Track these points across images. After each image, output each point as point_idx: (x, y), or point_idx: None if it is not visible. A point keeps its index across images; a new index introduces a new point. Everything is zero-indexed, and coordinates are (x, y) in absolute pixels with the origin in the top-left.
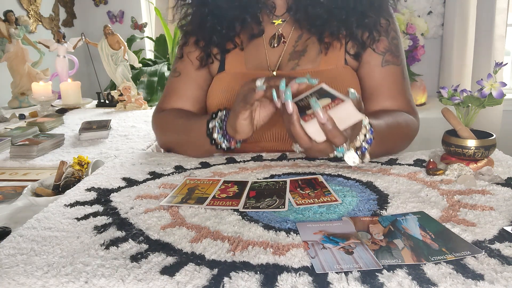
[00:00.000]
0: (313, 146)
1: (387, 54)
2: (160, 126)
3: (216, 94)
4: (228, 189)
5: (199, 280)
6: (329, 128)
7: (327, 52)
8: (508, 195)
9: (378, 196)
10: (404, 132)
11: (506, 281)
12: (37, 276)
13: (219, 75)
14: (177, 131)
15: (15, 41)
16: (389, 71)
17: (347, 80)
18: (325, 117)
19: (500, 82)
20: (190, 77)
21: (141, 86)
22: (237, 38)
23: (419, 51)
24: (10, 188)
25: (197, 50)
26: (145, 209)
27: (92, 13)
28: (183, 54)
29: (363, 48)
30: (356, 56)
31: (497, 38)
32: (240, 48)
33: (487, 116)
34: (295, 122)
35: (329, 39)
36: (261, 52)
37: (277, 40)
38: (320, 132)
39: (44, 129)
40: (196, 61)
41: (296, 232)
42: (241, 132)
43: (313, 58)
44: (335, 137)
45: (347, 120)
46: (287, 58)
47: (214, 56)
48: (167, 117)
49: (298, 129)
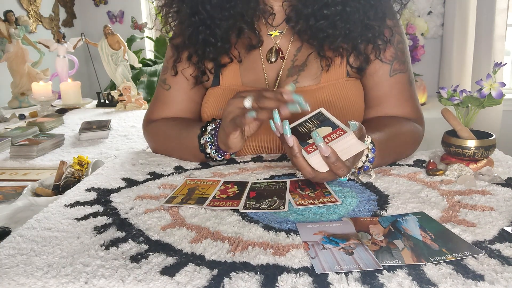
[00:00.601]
0: (317, 175)
1: (394, 62)
2: (153, 138)
3: (211, 110)
4: (228, 189)
5: (199, 280)
6: (332, 161)
7: (328, 68)
8: (508, 196)
9: (378, 197)
10: (407, 140)
11: (506, 281)
12: (37, 277)
13: (213, 90)
14: (170, 143)
15: (15, 41)
16: (396, 80)
17: (350, 93)
18: (328, 151)
19: (500, 82)
20: (183, 91)
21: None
22: (233, 50)
23: (419, 51)
24: (10, 188)
25: (190, 67)
26: (145, 209)
27: (92, 13)
28: (177, 71)
29: (367, 63)
30: (359, 70)
31: (497, 38)
32: (238, 60)
33: (487, 116)
34: (297, 155)
35: (331, 55)
36: (258, 66)
37: (275, 55)
38: (323, 165)
39: (44, 129)
40: (191, 78)
41: (296, 233)
42: (234, 147)
43: (313, 73)
44: (338, 169)
45: (349, 152)
46: (286, 74)
47: (209, 71)
48: (159, 129)
49: (301, 161)
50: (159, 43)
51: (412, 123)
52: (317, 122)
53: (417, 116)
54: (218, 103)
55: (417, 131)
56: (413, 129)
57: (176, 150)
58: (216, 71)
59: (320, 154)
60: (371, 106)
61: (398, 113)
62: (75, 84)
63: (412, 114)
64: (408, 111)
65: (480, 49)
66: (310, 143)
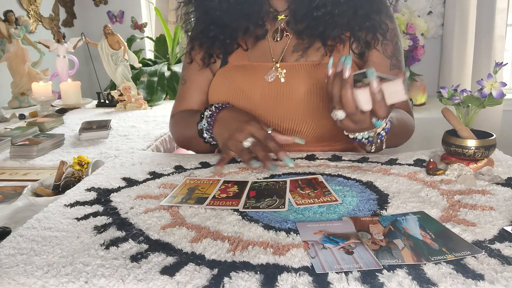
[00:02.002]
0: (356, 114)
1: (393, 59)
2: (172, 128)
3: (219, 86)
4: (228, 189)
5: (199, 280)
6: (378, 99)
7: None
8: (508, 195)
9: (378, 196)
10: (406, 128)
11: (506, 281)
12: (37, 276)
13: (221, 69)
14: (182, 129)
15: (15, 41)
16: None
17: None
18: (378, 87)
19: (500, 82)
20: (196, 83)
21: (141, 86)
22: (241, 40)
23: (419, 51)
24: (10, 188)
25: (201, 52)
26: (145, 209)
27: (92, 13)
28: (192, 59)
29: (367, 48)
30: (360, 55)
31: (497, 38)
32: (244, 49)
33: (487, 116)
34: (348, 87)
35: (332, 43)
36: (264, 44)
37: (280, 34)
38: (368, 102)
39: (44, 129)
40: (201, 62)
41: (296, 232)
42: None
43: (317, 51)
44: (380, 109)
45: (394, 97)
46: (291, 50)
47: (216, 56)
48: (176, 119)
49: (350, 94)
50: (159, 43)
51: (409, 115)
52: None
53: (410, 111)
54: (224, 79)
55: (412, 123)
56: (410, 120)
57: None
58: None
59: (368, 91)
60: None
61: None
62: (75, 84)
63: (407, 109)
64: (404, 104)
65: (480, 49)
66: (358, 85)
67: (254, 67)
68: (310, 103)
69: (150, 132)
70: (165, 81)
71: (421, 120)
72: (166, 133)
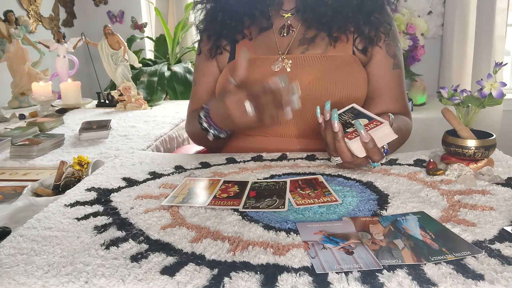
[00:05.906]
0: (354, 159)
1: (395, 58)
2: (186, 127)
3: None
4: (229, 189)
5: (199, 280)
6: (370, 147)
7: (336, 44)
8: (508, 195)
9: (378, 196)
10: (404, 135)
11: (506, 281)
12: (37, 276)
13: (228, 64)
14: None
15: (15, 41)
16: (396, 74)
17: (355, 70)
18: (368, 137)
19: (500, 82)
20: (205, 83)
21: (141, 86)
22: (246, 31)
23: (419, 51)
24: (10, 188)
25: (209, 44)
26: (145, 209)
27: (92, 13)
28: (201, 51)
29: (370, 43)
30: (364, 50)
31: (497, 38)
32: (249, 38)
33: (487, 116)
34: (340, 140)
35: (337, 34)
36: (271, 39)
37: (287, 30)
38: (362, 149)
39: (44, 129)
40: (208, 53)
41: (296, 232)
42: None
43: (322, 45)
44: (374, 154)
45: (384, 140)
46: (297, 43)
47: (223, 48)
48: (188, 118)
49: (343, 146)
50: (159, 43)
51: (407, 120)
52: (352, 115)
53: (407, 111)
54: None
55: (410, 127)
56: (408, 125)
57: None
58: (232, 48)
59: (360, 140)
60: (373, 97)
61: (395, 109)
62: (75, 84)
63: (405, 109)
64: (401, 106)
65: (480, 49)
66: (349, 132)
67: (261, 60)
68: (315, 92)
69: (150, 132)
70: (165, 81)
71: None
72: (166, 133)
